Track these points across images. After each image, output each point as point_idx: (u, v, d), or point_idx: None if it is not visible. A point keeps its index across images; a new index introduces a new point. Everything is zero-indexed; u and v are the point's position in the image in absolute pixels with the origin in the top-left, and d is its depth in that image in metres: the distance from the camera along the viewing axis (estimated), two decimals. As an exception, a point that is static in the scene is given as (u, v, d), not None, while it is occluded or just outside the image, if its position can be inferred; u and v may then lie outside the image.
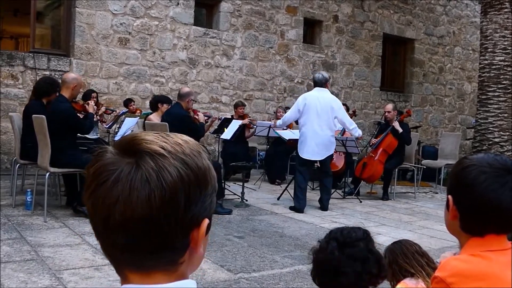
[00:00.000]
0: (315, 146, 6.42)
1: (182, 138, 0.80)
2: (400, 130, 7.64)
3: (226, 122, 7.64)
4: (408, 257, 1.78)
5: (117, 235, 0.75)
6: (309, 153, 6.45)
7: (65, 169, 5.34)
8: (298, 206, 6.41)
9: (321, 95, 6.50)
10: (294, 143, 7.17)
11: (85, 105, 5.76)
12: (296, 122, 9.20)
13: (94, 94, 7.53)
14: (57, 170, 5.30)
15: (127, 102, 8.52)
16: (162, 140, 0.77)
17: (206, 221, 0.79)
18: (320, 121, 6.41)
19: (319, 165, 6.77)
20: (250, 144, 9.37)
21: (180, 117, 6.00)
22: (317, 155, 6.48)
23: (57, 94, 5.57)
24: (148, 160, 0.74)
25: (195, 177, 0.76)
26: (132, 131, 6.87)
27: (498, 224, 1.28)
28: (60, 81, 5.79)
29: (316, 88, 6.61)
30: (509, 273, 1.22)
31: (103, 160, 0.76)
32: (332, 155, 6.87)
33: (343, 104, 7.60)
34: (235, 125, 7.29)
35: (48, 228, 4.76)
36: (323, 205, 6.66)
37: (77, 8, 8.47)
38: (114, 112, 7.70)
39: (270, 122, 8.90)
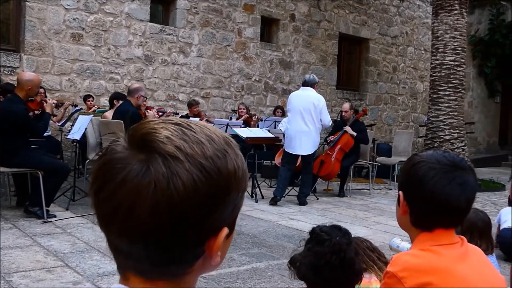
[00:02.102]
0: (301, 142, 6.81)
1: (207, 133, 0.68)
2: (354, 134, 7.80)
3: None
4: (359, 253, 1.81)
5: (119, 240, 0.67)
6: (295, 148, 6.84)
7: (16, 169, 5.17)
8: (277, 193, 6.79)
9: (304, 93, 6.94)
10: (252, 141, 7.19)
11: (43, 102, 5.50)
12: (260, 119, 9.34)
13: (41, 90, 7.29)
14: (7, 169, 5.12)
15: (86, 98, 8.34)
16: (181, 137, 0.66)
17: (225, 230, 0.69)
18: (304, 118, 6.81)
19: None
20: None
21: (129, 115, 5.80)
22: (303, 150, 6.86)
23: None
24: (160, 163, 0.64)
25: (215, 185, 0.66)
26: (86, 129, 6.72)
27: (446, 218, 1.31)
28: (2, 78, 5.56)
29: (302, 87, 7.10)
30: (458, 267, 1.26)
31: (113, 153, 0.67)
32: (314, 154, 7.11)
33: None
34: (192, 123, 7.24)
35: (-3, 230, 4.59)
36: (301, 200, 6.98)
37: (27, 2, 8.19)
38: (62, 106, 7.48)
39: (227, 120, 8.91)
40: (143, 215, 0.63)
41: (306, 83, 7.03)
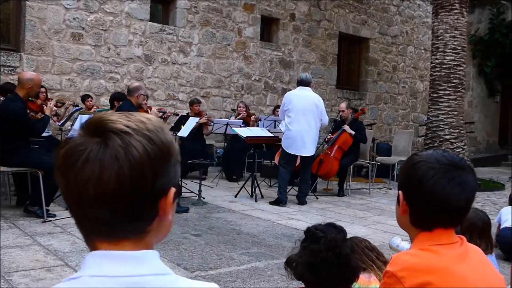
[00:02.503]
0: (304, 143, 6.75)
1: (145, 116, 0.85)
2: (352, 132, 7.79)
3: (183, 120, 7.57)
4: (358, 253, 1.81)
5: (90, 209, 0.80)
6: (299, 149, 6.78)
7: (15, 168, 5.17)
8: (282, 197, 6.73)
9: (304, 93, 6.86)
10: (251, 140, 7.19)
11: (43, 105, 5.55)
12: (259, 119, 9.32)
13: (42, 89, 7.31)
14: (7, 169, 5.12)
15: (85, 98, 8.33)
16: (126, 119, 0.82)
17: (173, 189, 0.85)
18: (307, 118, 6.76)
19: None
20: (207, 142, 9.33)
21: None
22: (306, 151, 6.82)
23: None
24: (115, 138, 0.79)
25: (160, 151, 0.82)
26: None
27: (446, 218, 1.31)
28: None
29: (299, 87, 6.94)
30: (457, 266, 1.26)
31: (72, 142, 0.81)
32: (314, 154, 7.16)
33: None
34: (191, 122, 7.24)
35: (-3, 229, 4.59)
36: (300, 200, 6.96)
37: (27, 2, 8.19)
38: (63, 105, 7.48)
39: (227, 119, 8.92)
40: (111, 181, 0.78)
41: (303, 83, 6.94)
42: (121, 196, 0.79)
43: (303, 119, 6.74)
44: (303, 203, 6.93)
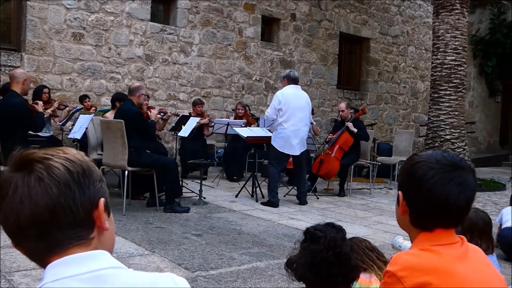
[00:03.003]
0: (297, 142, 6.73)
1: (63, 150, 0.95)
2: (355, 130, 7.78)
3: (183, 120, 7.58)
4: (359, 253, 1.81)
5: (29, 229, 0.88)
6: (290, 148, 6.73)
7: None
8: (276, 201, 6.64)
9: (298, 92, 6.86)
10: (252, 140, 7.19)
11: (34, 105, 5.70)
12: (257, 119, 9.31)
13: (46, 90, 7.33)
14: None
15: (82, 98, 8.32)
16: (44, 151, 0.93)
17: (102, 200, 0.94)
18: (301, 118, 6.75)
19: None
20: (208, 142, 9.33)
21: (132, 114, 5.83)
22: (297, 150, 6.79)
23: None
24: (37, 164, 0.89)
25: (80, 167, 0.92)
26: (87, 128, 6.72)
27: (446, 218, 1.31)
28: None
29: (292, 85, 6.86)
30: (458, 267, 1.26)
31: (1, 179, 0.91)
32: (307, 150, 7.18)
33: None
34: (192, 122, 7.25)
35: (-2, 229, 4.60)
36: (301, 200, 6.92)
37: (28, 2, 8.20)
38: (66, 108, 7.50)
39: (228, 119, 8.92)
40: (40, 199, 0.87)
41: (296, 81, 6.91)
42: (54, 208, 0.87)
43: (297, 118, 6.73)
44: (305, 203, 6.92)
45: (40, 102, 5.84)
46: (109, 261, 0.91)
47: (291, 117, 6.70)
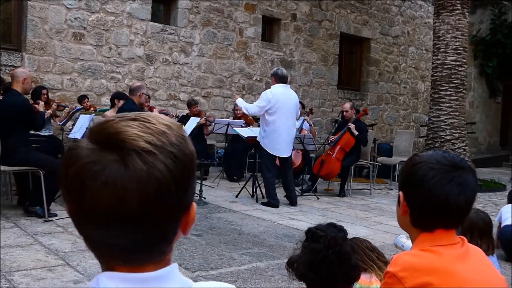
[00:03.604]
0: (285, 144, 6.64)
1: (165, 123, 0.76)
2: (356, 133, 7.78)
3: (184, 120, 7.58)
4: (359, 253, 1.81)
5: (110, 234, 0.72)
6: (280, 150, 6.63)
7: (17, 168, 5.17)
8: (277, 203, 6.59)
9: (288, 92, 6.70)
10: (252, 140, 7.19)
11: (35, 105, 5.69)
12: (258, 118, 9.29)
13: (44, 91, 7.32)
14: (8, 168, 5.13)
15: (81, 99, 8.32)
16: (146, 132, 0.72)
17: (194, 204, 0.80)
18: (290, 119, 6.66)
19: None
20: (208, 142, 9.34)
21: None
22: (286, 152, 6.70)
23: (1, 91, 5.47)
24: (136, 159, 0.70)
25: (184, 166, 0.74)
26: (87, 128, 6.72)
27: (446, 219, 1.32)
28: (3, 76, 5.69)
29: (281, 84, 6.68)
30: (458, 267, 1.26)
31: (83, 158, 0.71)
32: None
33: (300, 102, 7.76)
34: (193, 122, 7.25)
35: (-2, 229, 4.60)
36: (292, 200, 6.83)
37: (29, 2, 8.20)
38: (66, 108, 7.50)
39: (228, 119, 8.92)
40: (132, 207, 0.70)
41: (284, 79, 6.71)
42: (146, 220, 0.72)
43: (286, 119, 6.60)
44: (295, 204, 6.81)
45: (42, 102, 5.86)
46: (178, 281, 0.79)
47: (281, 116, 6.56)
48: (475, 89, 16.22)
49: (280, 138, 6.59)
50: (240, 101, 7.12)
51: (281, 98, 6.59)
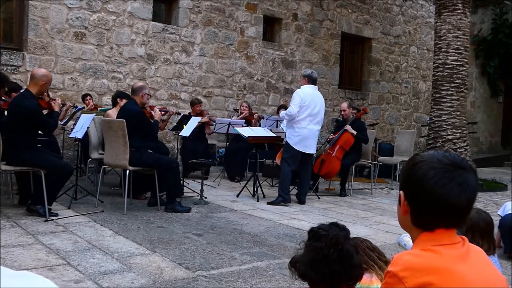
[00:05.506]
0: (313, 140, 6.92)
1: None
2: (354, 132, 7.78)
3: (185, 119, 7.58)
4: (360, 253, 1.81)
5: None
6: (307, 147, 6.89)
7: (18, 167, 5.17)
8: (288, 198, 6.79)
9: (316, 93, 6.98)
10: (253, 140, 7.19)
11: (51, 102, 5.52)
12: (262, 117, 9.30)
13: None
14: (9, 168, 5.13)
15: (84, 97, 8.34)
16: None
17: None
18: (317, 118, 6.91)
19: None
20: (209, 141, 9.34)
21: (134, 114, 5.86)
22: (312, 148, 6.98)
23: (6, 89, 5.38)
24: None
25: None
26: (88, 127, 6.72)
27: (447, 218, 1.31)
28: (5, 75, 5.58)
29: (311, 85, 6.97)
30: (459, 267, 1.26)
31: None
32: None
33: None
34: (194, 122, 7.25)
35: (-1, 228, 4.60)
36: (301, 199, 6.98)
37: (30, 1, 8.21)
38: (64, 106, 7.47)
39: (229, 119, 8.91)
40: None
41: (315, 82, 7.02)
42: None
43: (316, 119, 6.91)
44: (304, 202, 6.94)
45: (58, 100, 5.61)
46: None
47: (311, 117, 6.86)
48: (477, 89, 16.20)
49: (309, 135, 6.86)
50: (282, 113, 7.54)
51: (310, 97, 6.87)
